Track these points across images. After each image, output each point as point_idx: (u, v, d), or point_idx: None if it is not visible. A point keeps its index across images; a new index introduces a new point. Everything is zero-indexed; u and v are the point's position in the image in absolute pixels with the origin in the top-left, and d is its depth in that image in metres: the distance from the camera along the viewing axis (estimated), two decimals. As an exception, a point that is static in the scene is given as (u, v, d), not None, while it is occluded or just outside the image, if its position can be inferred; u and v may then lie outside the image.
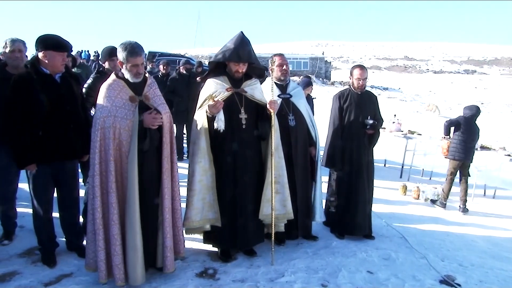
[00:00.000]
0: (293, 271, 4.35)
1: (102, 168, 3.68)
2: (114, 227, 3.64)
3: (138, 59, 3.77)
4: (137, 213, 3.64)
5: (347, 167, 5.29)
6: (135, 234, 3.65)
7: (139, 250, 3.68)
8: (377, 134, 5.42)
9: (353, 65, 5.79)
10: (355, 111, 5.27)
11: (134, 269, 3.69)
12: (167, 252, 3.87)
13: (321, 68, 42.68)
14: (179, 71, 9.37)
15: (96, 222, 3.69)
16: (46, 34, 4.03)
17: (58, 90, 4.04)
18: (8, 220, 4.80)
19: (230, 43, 4.35)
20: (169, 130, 3.93)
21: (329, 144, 5.34)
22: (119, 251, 3.66)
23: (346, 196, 5.32)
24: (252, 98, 4.45)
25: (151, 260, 3.94)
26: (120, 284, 3.70)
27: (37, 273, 4.09)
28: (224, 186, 4.31)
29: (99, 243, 3.70)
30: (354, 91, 5.36)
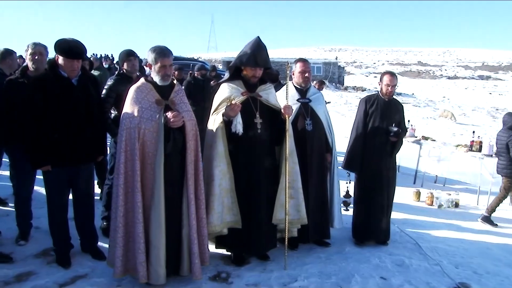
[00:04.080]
0: (306, 276, 4.36)
1: (127, 167, 3.75)
2: (139, 226, 3.70)
3: (167, 60, 3.87)
4: (163, 213, 3.71)
5: (368, 173, 5.25)
6: (159, 233, 3.72)
7: (162, 250, 3.73)
8: (400, 142, 5.39)
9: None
10: (380, 117, 5.24)
11: (156, 268, 3.74)
12: (194, 259, 3.89)
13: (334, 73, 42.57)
14: (194, 75, 9.43)
15: (117, 220, 3.77)
16: (62, 38, 4.09)
17: (75, 93, 4.10)
18: (24, 221, 4.87)
19: (247, 48, 4.38)
20: (194, 138, 3.97)
21: (351, 146, 5.33)
22: (143, 249, 3.71)
23: (365, 203, 5.28)
24: (267, 103, 4.47)
25: (172, 267, 3.94)
26: (143, 281, 3.75)
27: (52, 274, 4.15)
28: (238, 190, 4.33)
29: (117, 241, 3.78)
30: (382, 97, 5.33)
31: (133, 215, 3.75)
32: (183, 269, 3.98)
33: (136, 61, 5.23)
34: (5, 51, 5.45)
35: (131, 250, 3.81)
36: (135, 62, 5.21)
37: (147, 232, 3.76)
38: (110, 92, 4.98)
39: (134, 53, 5.23)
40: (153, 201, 3.73)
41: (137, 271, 3.74)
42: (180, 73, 9.93)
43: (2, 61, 5.37)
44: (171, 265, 3.89)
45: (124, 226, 3.80)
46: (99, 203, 5.01)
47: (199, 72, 9.45)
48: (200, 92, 8.94)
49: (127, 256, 3.84)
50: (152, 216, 3.73)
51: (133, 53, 5.21)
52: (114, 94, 4.95)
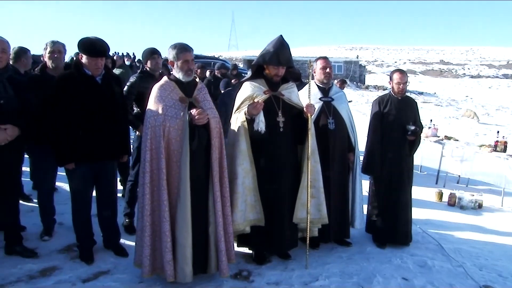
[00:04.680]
0: (327, 276, 4.34)
1: (153, 166, 3.77)
2: (165, 224, 3.71)
3: (188, 54, 3.89)
4: (189, 211, 3.72)
5: (387, 174, 5.19)
6: (185, 231, 3.72)
7: (188, 248, 3.74)
8: (418, 141, 5.33)
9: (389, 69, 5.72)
10: (395, 116, 5.17)
11: (183, 266, 3.75)
12: (222, 257, 3.89)
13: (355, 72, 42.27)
14: (214, 74, 9.46)
15: (143, 219, 3.79)
16: (85, 37, 4.15)
17: (99, 91, 4.16)
18: (48, 217, 4.94)
19: (269, 46, 4.37)
20: (219, 136, 3.97)
21: (368, 150, 5.26)
22: (170, 248, 3.72)
23: (387, 204, 5.21)
24: (289, 102, 4.46)
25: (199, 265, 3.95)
26: (170, 280, 3.75)
27: (75, 269, 4.21)
28: (260, 189, 4.33)
29: (145, 240, 3.79)
30: (394, 96, 5.27)
31: (159, 214, 3.76)
32: (210, 267, 3.98)
33: (159, 59, 5.27)
34: (20, 49, 5.54)
35: (158, 249, 3.82)
36: (158, 60, 5.25)
37: (173, 230, 3.77)
38: (131, 89, 5.04)
39: (157, 51, 5.27)
40: (179, 199, 3.73)
41: (164, 270, 3.75)
42: (203, 72, 9.98)
43: (17, 60, 5.46)
44: (198, 263, 3.90)
45: (151, 225, 3.81)
46: (121, 200, 5.05)
47: (219, 71, 9.47)
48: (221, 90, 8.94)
49: (154, 255, 3.85)
50: (178, 214, 3.74)
51: (157, 51, 5.25)
52: (135, 91, 5.01)
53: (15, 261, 4.27)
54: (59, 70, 4.56)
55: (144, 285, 3.95)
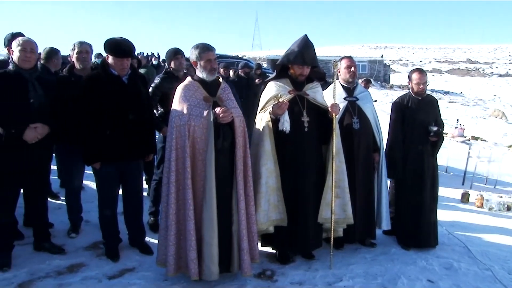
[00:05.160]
0: (351, 276, 4.32)
1: (178, 165, 3.79)
2: (190, 223, 3.73)
3: (211, 54, 3.92)
4: (215, 209, 3.74)
5: (410, 176, 5.12)
6: (211, 230, 3.74)
7: (214, 246, 3.76)
8: (441, 141, 5.23)
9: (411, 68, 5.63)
10: (416, 117, 5.09)
11: (209, 264, 3.77)
12: (244, 255, 3.89)
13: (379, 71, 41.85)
14: (238, 73, 9.49)
15: (169, 218, 3.81)
16: (111, 38, 4.21)
17: (126, 91, 4.21)
18: (75, 214, 5.03)
19: (294, 46, 4.37)
20: (243, 134, 3.98)
21: (389, 153, 5.18)
22: (195, 246, 3.75)
23: (410, 206, 5.13)
24: (314, 101, 4.45)
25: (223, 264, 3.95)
26: (194, 278, 3.77)
27: (101, 266, 4.28)
28: (285, 188, 4.32)
29: (170, 238, 3.81)
30: (414, 96, 5.19)
31: (184, 213, 3.79)
32: (233, 266, 3.99)
33: (183, 59, 5.31)
34: (51, 50, 5.65)
35: (183, 248, 3.84)
36: (182, 60, 5.28)
37: (199, 229, 3.78)
38: (156, 90, 5.08)
39: (181, 51, 5.31)
40: (204, 198, 3.75)
41: (189, 268, 3.76)
42: (226, 71, 10.02)
43: (49, 60, 5.57)
44: (222, 262, 3.91)
45: (176, 224, 3.83)
46: (146, 198, 5.11)
47: (242, 70, 9.49)
48: (245, 89, 8.98)
49: (179, 253, 3.87)
50: (204, 213, 3.76)
51: (180, 51, 5.29)
52: (160, 92, 5.06)
53: (43, 257, 4.36)
54: (87, 70, 4.64)
55: (168, 283, 3.99)
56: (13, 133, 3.95)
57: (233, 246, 3.96)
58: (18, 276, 3.99)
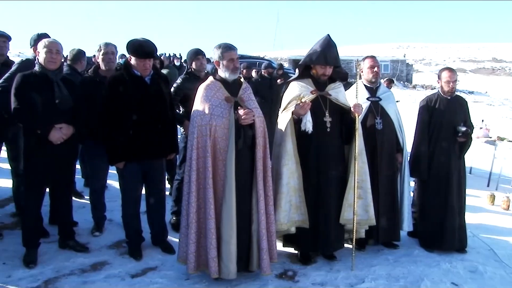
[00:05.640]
0: (374, 278, 4.28)
1: (199, 164, 3.83)
2: (211, 222, 3.76)
3: (233, 53, 3.95)
4: (234, 209, 3.77)
5: (435, 177, 5.03)
6: (230, 229, 3.77)
7: (233, 245, 3.79)
8: (469, 142, 5.13)
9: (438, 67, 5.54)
10: (444, 117, 5.00)
11: (227, 263, 3.81)
12: (263, 255, 3.91)
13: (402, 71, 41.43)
14: (261, 73, 9.51)
15: (189, 216, 3.85)
16: (133, 39, 4.25)
17: (148, 91, 4.25)
18: (98, 213, 5.10)
19: (316, 46, 4.35)
20: (263, 135, 4.00)
21: (415, 152, 5.11)
22: (215, 245, 3.78)
23: (434, 207, 5.04)
24: (336, 102, 4.43)
25: (242, 263, 3.99)
26: (214, 276, 3.82)
27: (124, 265, 4.33)
28: (307, 189, 4.32)
29: (190, 236, 3.85)
30: (443, 96, 5.10)
31: (205, 211, 3.82)
32: (252, 265, 4.02)
33: (204, 59, 5.34)
34: (78, 52, 5.77)
35: (203, 246, 3.88)
36: (203, 61, 5.31)
37: (218, 227, 3.82)
38: (178, 90, 5.13)
39: (202, 51, 5.34)
40: (224, 197, 3.79)
41: (209, 266, 3.80)
42: (248, 72, 10.04)
43: (76, 61, 5.68)
44: (241, 260, 3.95)
45: (197, 222, 3.87)
46: (168, 198, 5.15)
47: (266, 70, 9.51)
48: (268, 89, 9.00)
49: (199, 251, 3.92)
50: (223, 212, 3.79)
51: (201, 51, 5.32)
52: (181, 93, 5.10)
53: (68, 255, 4.43)
54: (111, 71, 4.70)
55: (190, 282, 4.02)
56: (39, 134, 4.03)
57: (252, 245, 4.00)
58: (44, 273, 4.07)
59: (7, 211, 5.60)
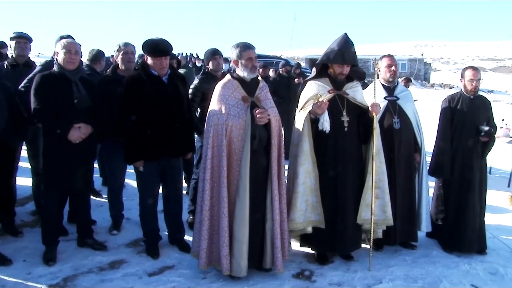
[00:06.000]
0: (391, 278, 4.24)
1: (214, 163, 3.86)
2: (224, 220, 3.80)
3: (251, 52, 3.97)
4: (247, 208, 3.80)
5: (457, 177, 4.96)
6: (243, 227, 3.81)
7: (245, 243, 3.83)
8: (492, 142, 5.04)
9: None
10: (467, 116, 4.92)
11: (239, 261, 3.85)
12: (277, 253, 3.95)
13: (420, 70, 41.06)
14: (279, 72, 9.51)
15: (202, 214, 3.90)
16: (148, 39, 4.28)
17: (166, 91, 4.27)
18: (116, 212, 5.15)
19: (334, 45, 4.33)
20: (278, 134, 4.02)
21: (437, 151, 5.04)
22: (227, 243, 3.83)
23: (455, 208, 4.97)
24: (354, 101, 4.40)
25: (255, 260, 4.03)
26: (226, 273, 3.86)
27: (142, 263, 4.36)
28: (324, 189, 4.30)
29: (203, 233, 3.91)
30: (466, 95, 5.02)
31: (218, 209, 3.86)
32: (266, 262, 4.04)
33: (221, 59, 5.35)
34: (98, 52, 5.83)
35: (216, 243, 3.93)
36: (220, 61, 5.33)
37: (231, 226, 3.85)
38: (196, 91, 5.14)
39: (219, 51, 5.36)
40: (238, 196, 3.81)
41: (221, 263, 3.86)
42: (265, 71, 10.05)
43: (95, 62, 5.75)
44: (254, 258, 3.98)
45: (209, 220, 3.91)
46: (185, 197, 5.18)
47: (284, 69, 9.51)
48: (285, 88, 8.99)
49: (211, 248, 3.97)
50: (237, 211, 3.82)
51: (218, 51, 5.34)
52: (200, 94, 5.11)
53: (86, 253, 4.49)
54: (130, 71, 4.74)
55: (207, 281, 4.03)
56: (58, 133, 4.08)
57: (265, 244, 4.02)
58: (63, 271, 4.13)
59: (27, 209, 5.68)
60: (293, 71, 10.28)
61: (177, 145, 4.38)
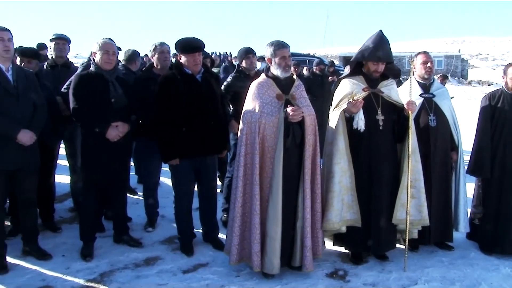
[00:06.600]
0: (427, 280, 4.15)
1: (247, 160, 3.89)
2: (256, 217, 3.83)
3: (285, 51, 3.97)
4: (280, 206, 3.81)
5: (497, 176, 4.78)
6: (276, 225, 3.82)
7: (278, 241, 3.84)
8: None
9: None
10: (508, 114, 4.72)
11: (271, 258, 3.86)
12: (306, 252, 3.94)
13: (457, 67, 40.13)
14: (313, 71, 9.49)
15: (235, 211, 3.94)
16: (180, 38, 4.33)
17: (200, 89, 4.31)
18: (151, 210, 5.22)
19: (369, 42, 4.27)
20: (313, 133, 4.00)
21: (476, 149, 4.87)
22: (259, 240, 3.85)
23: (495, 208, 4.79)
24: (389, 99, 4.33)
25: (285, 258, 4.02)
26: (257, 270, 3.88)
27: (176, 260, 4.42)
28: (359, 188, 4.25)
29: (234, 230, 3.94)
30: (508, 92, 4.85)
31: (250, 206, 3.88)
32: (295, 260, 4.04)
33: (254, 58, 5.38)
34: (133, 52, 5.96)
35: (247, 240, 3.95)
36: (254, 60, 5.35)
37: (263, 223, 3.87)
38: (228, 88, 5.19)
39: (252, 50, 5.38)
40: (271, 194, 3.82)
41: (252, 260, 3.88)
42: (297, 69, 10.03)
43: (131, 62, 5.87)
44: (284, 256, 3.98)
45: (241, 216, 3.94)
46: (220, 195, 5.21)
47: (317, 67, 9.48)
48: (319, 87, 8.96)
49: (243, 244, 3.99)
50: (269, 209, 3.83)
51: (252, 50, 5.36)
52: (232, 91, 5.15)
53: (122, 249, 4.59)
54: (165, 70, 4.80)
55: (240, 279, 4.05)
56: (96, 132, 4.18)
57: (296, 242, 4.01)
58: (100, 266, 4.22)
59: (66, 206, 5.86)
60: (327, 69, 10.23)
61: (211, 143, 4.41)
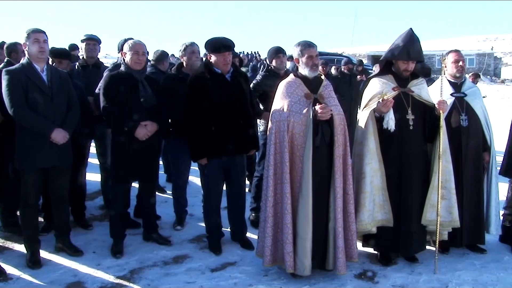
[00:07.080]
0: (458, 283, 4.07)
1: (277, 159, 3.88)
2: (287, 216, 3.80)
3: (312, 50, 3.96)
4: (310, 205, 3.77)
5: None
6: (306, 225, 3.79)
7: (308, 241, 3.80)
8: None
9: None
10: None
11: (302, 259, 3.83)
12: (338, 253, 3.88)
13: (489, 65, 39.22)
14: (341, 70, 9.43)
15: (267, 211, 3.92)
16: (210, 38, 4.37)
17: (229, 88, 4.34)
18: (180, 208, 5.26)
19: (398, 41, 4.22)
20: (343, 133, 3.97)
21: (510, 150, 4.77)
22: (291, 240, 3.81)
23: None
24: (419, 98, 4.26)
25: (318, 260, 3.99)
26: (290, 271, 3.85)
27: (204, 259, 4.44)
28: (389, 188, 4.20)
29: (267, 230, 3.91)
30: None
31: (281, 206, 3.86)
32: (329, 263, 3.99)
33: (284, 58, 5.38)
34: (162, 53, 6.04)
35: (280, 240, 3.91)
36: (283, 59, 5.36)
37: (295, 223, 3.84)
38: (257, 87, 5.21)
39: (283, 50, 5.39)
40: (301, 192, 3.80)
41: (284, 261, 3.84)
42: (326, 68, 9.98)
43: (160, 62, 5.95)
44: (317, 258, 3.94)
45: (273, 216, 3.91)
46: (248, 195, 5.23)
47: (346, 67, 9.43)
48: (347, 86, 8.90)
49: (276, 246, 3.96)
50: (300, 208, 3.81)
51: (282, 50, 5.37)
52: (260, 90, 5.16)
53: (151, 247, 4.64)
54: (194, 69, 4.84)
55: (268, 279, 4.04)
56: (126, 131, 4.24)
57: (329, 243, 3.96)
58: (130, 263, 4.29)
59: (97, 204, 5.97)
60: (356, 69, 10.15)
61: (241, 142, 4.42)
